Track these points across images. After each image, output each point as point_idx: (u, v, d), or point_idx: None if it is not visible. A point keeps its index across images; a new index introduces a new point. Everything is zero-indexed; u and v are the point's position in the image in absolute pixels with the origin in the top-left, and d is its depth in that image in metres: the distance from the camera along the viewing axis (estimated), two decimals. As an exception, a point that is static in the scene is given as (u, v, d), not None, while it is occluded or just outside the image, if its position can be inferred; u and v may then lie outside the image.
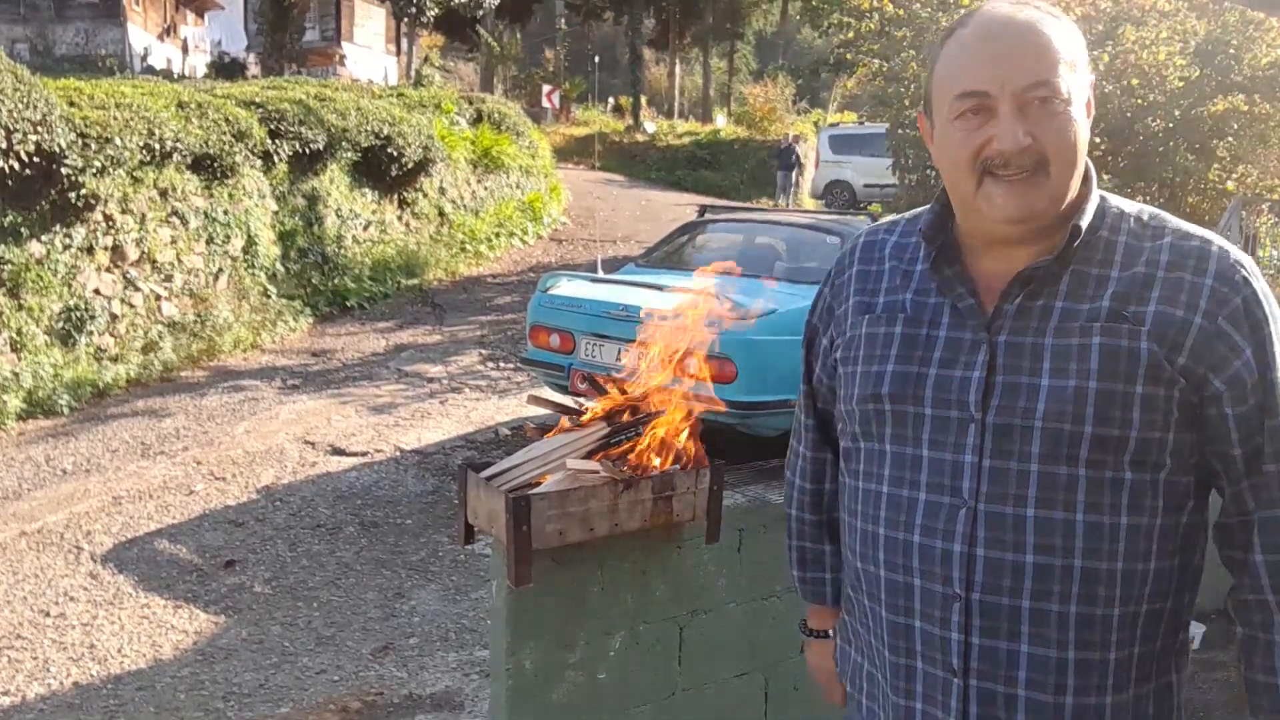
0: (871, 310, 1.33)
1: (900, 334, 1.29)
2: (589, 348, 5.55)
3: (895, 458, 1.28)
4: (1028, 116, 1.15)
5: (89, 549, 4.70)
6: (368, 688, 3.57)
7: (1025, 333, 1.20)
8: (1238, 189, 8.80)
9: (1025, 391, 1.18)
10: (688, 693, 2.28)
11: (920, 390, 1.25)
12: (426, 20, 26.62)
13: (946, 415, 1.23)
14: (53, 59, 23.65)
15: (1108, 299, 1.18)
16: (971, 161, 1.18)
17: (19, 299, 6.83)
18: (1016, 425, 1.18)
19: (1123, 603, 1.19)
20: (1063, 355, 1.18)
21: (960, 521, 1.21)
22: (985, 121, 1.17)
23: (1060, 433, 1.17)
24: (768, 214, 8.31)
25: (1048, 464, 1.18)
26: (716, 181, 22.41)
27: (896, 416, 1.27)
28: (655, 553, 2.18)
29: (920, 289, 1.30)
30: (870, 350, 1.31)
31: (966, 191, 1.21)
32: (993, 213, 1.19)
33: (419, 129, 11.71)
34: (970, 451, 1.21)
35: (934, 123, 1.26)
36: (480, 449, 6.18)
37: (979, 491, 1.20)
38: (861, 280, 1.37)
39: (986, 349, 1.21)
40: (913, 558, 1.25)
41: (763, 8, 37.64)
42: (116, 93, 8.07)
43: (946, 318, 1.26)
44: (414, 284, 11.25)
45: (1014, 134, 1.15)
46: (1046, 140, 1.16)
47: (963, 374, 1.22)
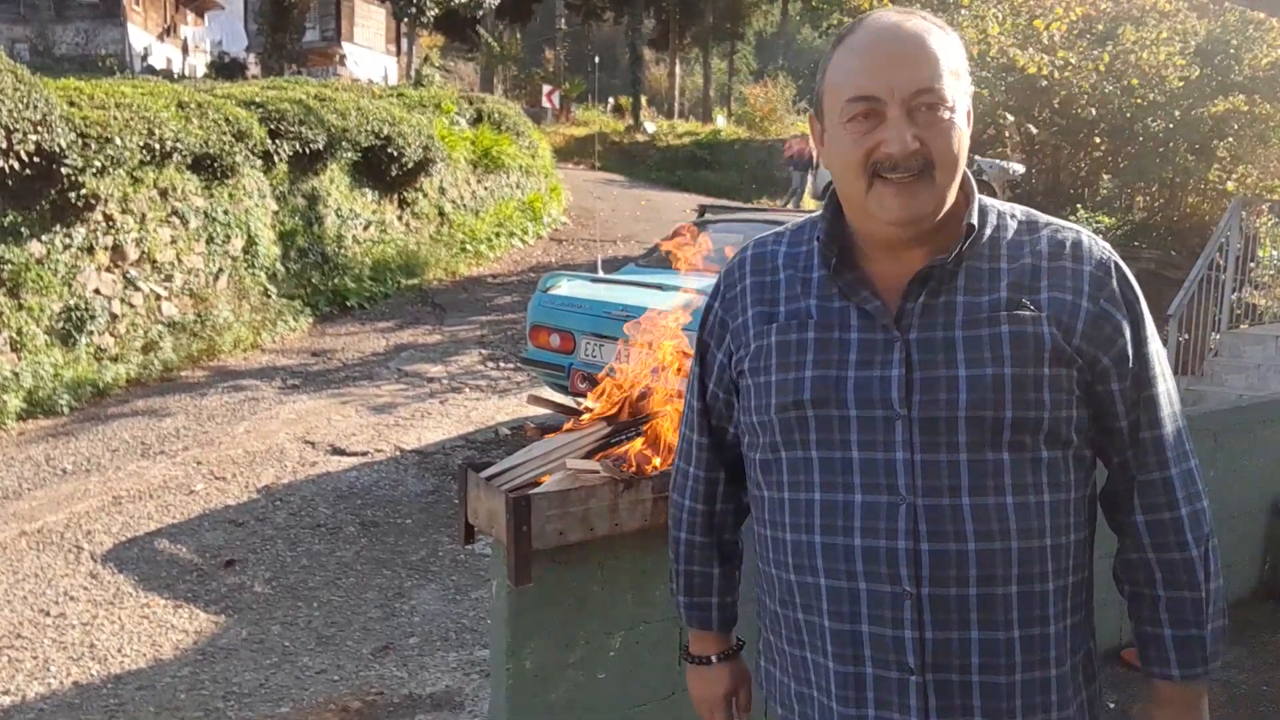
0: (775, 319, 1.33)
1: (813, 339, 1.29)
2: (589, 348, 5.55)
3: (824, 463, 1.27)
4: (916, 121, 1.19)
5: (89, 549, 4.70)
6: (368, 688, 3.57)
7: (934, 328, 1.23)
8: (1238, 189, 8.80)
9: (945, 384, 1.21)
10: (687, 693, 2.28)
11: (842, 393, 1.25)
12: (427, 20, 26.62)
13: (871, 415, 1.24)
14: (53, 59, 23.66)
15: (1004, 290, 1.23)
16: (862, 164, 1.21)
17: (19, 299, 6.83)
18: (941, 417, 1.21)
19: (1055, 577, 1.25)
20: (975, 345, 1.22)
21: (902, 518, 1.22)
22: (875, 125, 1.20)
23: (983, 420, 1.20)
24: (768, 214, 8.30)
25: (975, 452, 1.21)
26: (716, 182, 22.42)
27: (821, 421, 1.27)
28: (655, 553, 2.18)
29: (822, 295, 1.31)
30: (784, 358, 1.30)
31: (857, 193, 1.23)
32: (883, 214, 1.22)
33: (419, 129, 11.72)
34: (901, 448, 1.22)
35: (825, 125, 1.29)
36: (480, 449, 6.19)
37: (915, 486, 1.22)
38: (758, 291, 1.36)
39: (901, 346, 1.24)
40: (855, 561, 1.25)
41: (763, 8, 37.66)
42: (116, 93, 8.07)
43: (855, 320, 1.27)
44: (414, 284, 11.26)
45: (903, 137, 1.18)
46: (933, 144, 1.19)
47: (881, 373, 1.24)
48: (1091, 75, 9.06)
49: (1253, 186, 8.79)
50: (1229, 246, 7.56)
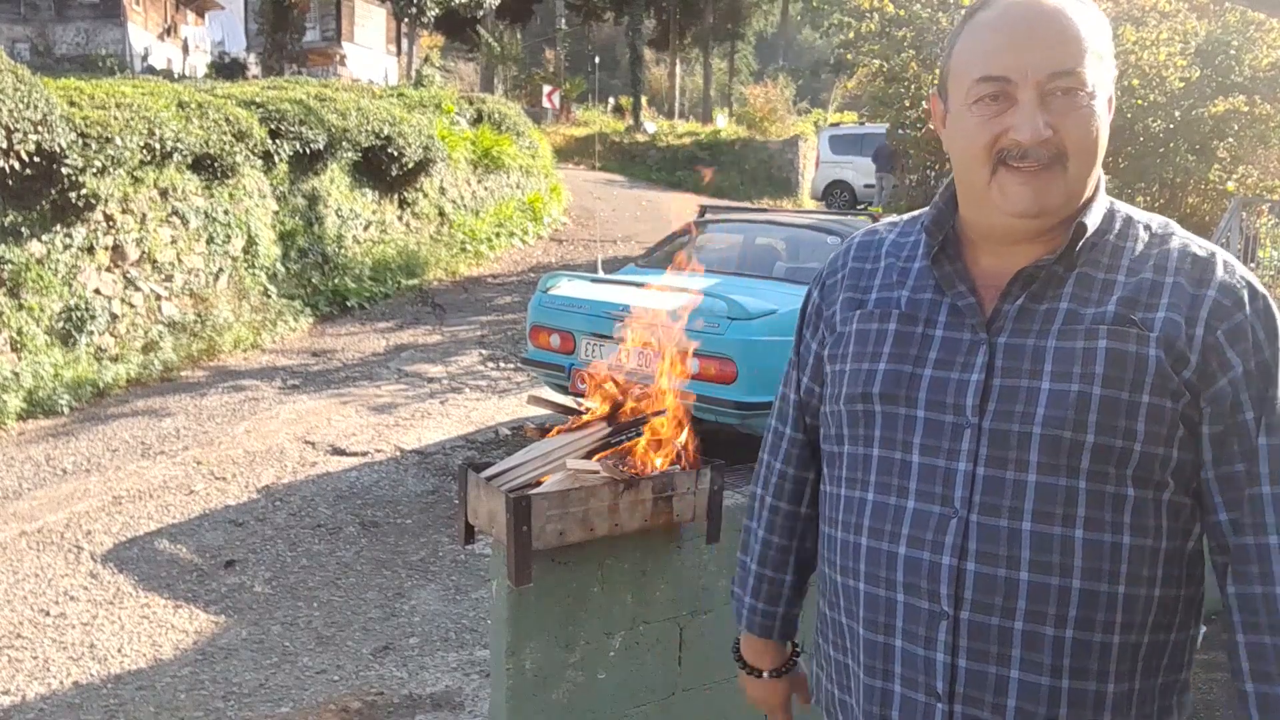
0: (863, 306, 1.26)
1: (894, 331, 1.22)
2: (589, 348, 5.55)
3: (883, 462, 1.20)
4: (1050, 107, 1.10)
5: (89, 549, 4.70)
6: (368, 688, 3.57)
7: (1027, 335, 1.14)
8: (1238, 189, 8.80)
9: (1024, 395, 1.12)
10: (688, 693, 2.28)
11: (913, 391, 1.18)
12: (427, 20, 26.63)
13: (940, 419, 1.16)
14: (53, 59, 23.67)
15: (1114, 303, 1.12)
16: (987, 150, 1.12)
17: (19, 299, 6.83)
18: (1014, 431, 1.11)
19: (1124, 630, 1.12)
20: (1066, 358, 1.11)
21: (951, 532, 1.13)
22: (1004, 109, 1.11)
23: (1060, 440, 1.10)
24: (768, 214, 8.31)
25: (1046, 474, 1.11)
26: (716, 182, 22.41)
27: (886, 418, 1.20)
28: (655, 553, 2.18)
29: (917, 286, 1.23)
30: (861, 348, 1.24)
31: (978, 181, 1.15)
32: (1005, 205, 1.13)
33: (419, 129, 11.72)
34: (964, 458, 1.14)
35: (948, 107, 1.20)
36: (480, 449, 6.19)
37: (972, 501, 1.13)
38: (854, 278, 1.30)
39: (985, 350, 1.15)
40: (897, 570, 1.17)
41: (763, 8, 37.67)
42: (117, 93, 8.07)
43: (944, 316, 1.19)
44: (414, 284, 11.26)
45: (1034, 124, 1.09)
46: (1067, 133, 1.10)
47: (959, 376, 1.15)
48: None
49: (1253, 187, 8.79)
50: (1229, 247, 7.56)
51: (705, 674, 2.30)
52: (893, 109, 12.00)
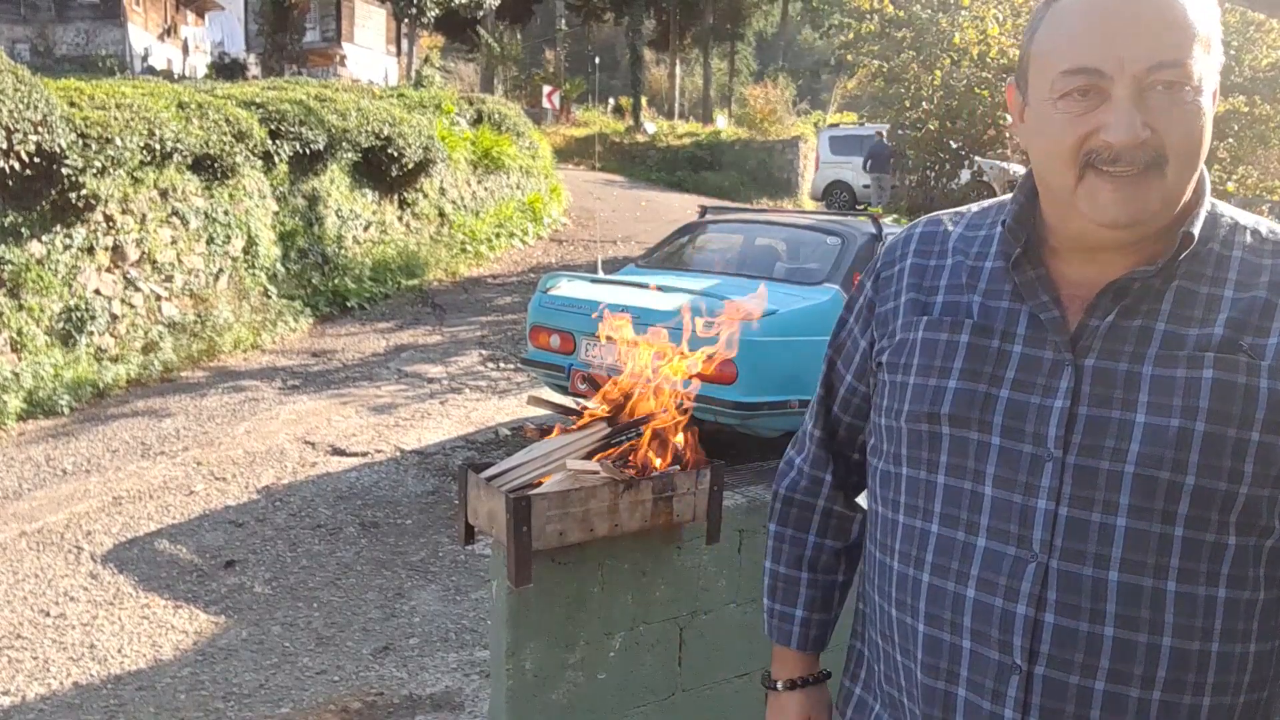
0: (928, 311, 1.13)
1: (966, 343, 1.08)
2: (589, 348, 5.55)
3: (950, 492, 1.08)
4: (1148, 104, 0.96)
5: (89, 549, 4.70)
6: (368, 688, 3.57)
7: (1119, 357, 1.01)
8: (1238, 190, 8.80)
9: (1116, 428, 0.99)
10: (688, 693, 2.28)
11: (988, 415, 1.05)
12: (427, 21, 26.63)
13: (1018, 449, 1.03)
14: (53, 59, 23.68)
15: (1221, 325, 0.99)
16: (1074, 152, 0.99)
17: (19, 299, 6.83)
18: (1103, 469, 0.99)
19: (1216, 692, 1.01)
20: (1165, 388, 0.98)
21: (1027, 579, 1.02)
22: (1095, 105, 0.97)
23: (1155, 481, 0.97)
24: (768, 214, 8.31)
25: (1138, 518, 0.98)
26: (716, 182, 22.42)
27: (956, 443, 1.07)
28: (655, 553, 2.18)
29: (991, 290, 1.09)
30: (928, 360, 1.10)
31: (1063, 186, 1.01)
32: (1094, 213, 0.99)
33: (419, 130, 11.72)
34: (1045, 496, 1.01)
35: (1027, 99, 1.06)
36: (480, 449, 6.19)
37: (1053, 545, 1.01)
38: (917, 275, 1.16)
39: (1072, 374, 1.02)
40: (964, 614, 1.05)
41: (763, 8, 37.67)
42: (117, 93, 8.07)
43: (1023, 329, 1.06)
44: (414, 284, 11.26)
45: (1131, 124, 0.95)
46: (1168, 134, 0.96)
47: (1041, 401, 1.03)
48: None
49: (1253, 187, 8.79)
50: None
51: (705, 674, 2.30)
52: (893, 109, 12.02)
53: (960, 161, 11.63)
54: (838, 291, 5.69)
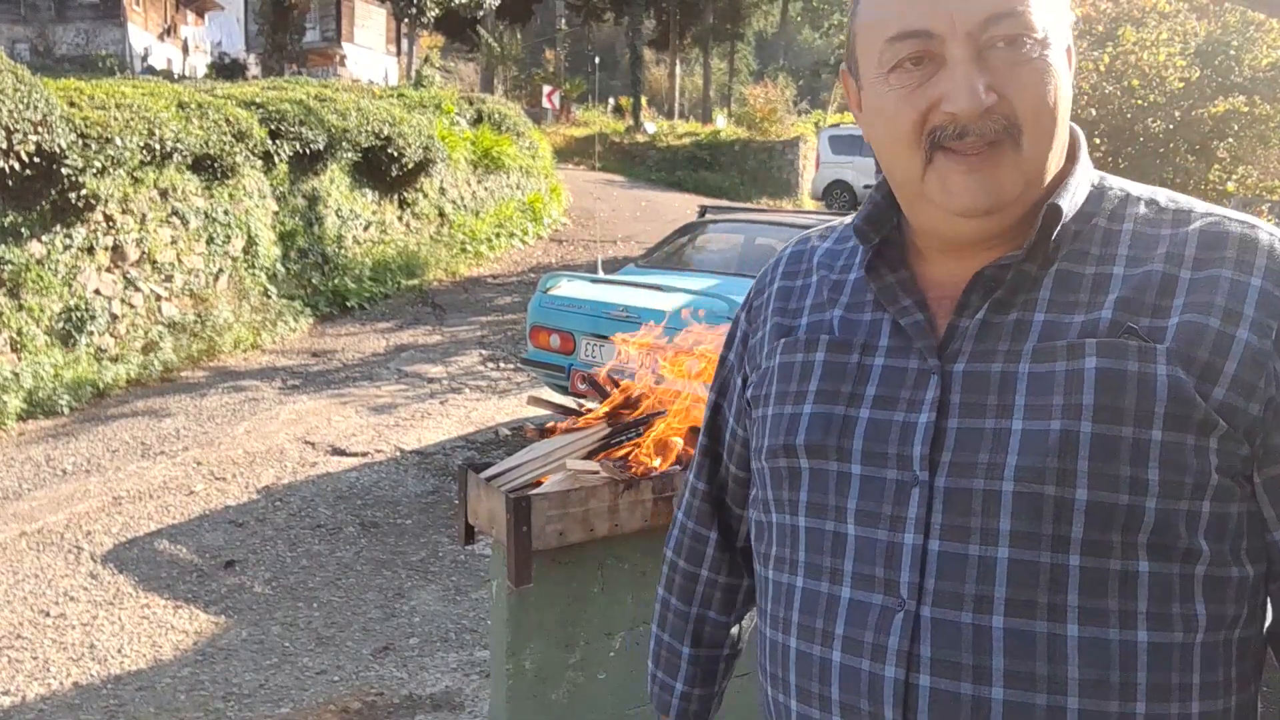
0: (791, 334, 0.99)
1: (822, 362, 0.94)
2: (589, 348, 5.56)
3: (811, 536, 0.91)
4: (990, 64, 0.83)
5: (89, 549, 4.70)
6: (368, 688, 3.57)
7: (992, 358, 0.85)
8: (1238, 190, 8.81)
9: (991, 440, 0.83)
10: None
11: (847, 440, 0.90)
12: (427, 21, 26.63)
13: (880, 475, 0.87)
14: (53, 59, 23.68)
15: (1110, 307, 0.83)
16: (914, 132, 0.85)
17: (19, 299, 6.83)
18: (978, 489, 0.82)
19: None
20: (1043, 386, 0.82)
21: (895, 632, 0.84)
22: (931, 74, 0.84)
23: (1040, 499, 0.80)
24: (768, 214, 8.31)
25: (1024, 548, 0.81)
26: (717, 182, 22.42)
27: (815, 477, 0.92)
28: (655, 553, 2.17)
29: (853, 303, 0.96)
30: (784, 385, 0.96)
31: (909, 174, 0.88)
32: (947, 200, 0.85)
33: (419, 129, 11.72)
34: (912, 528, 0.85)
35: (860, 82, 0.91)
36: (480, 449, 6.19)
37: (923, 588, 0.83)
38: (783, 298, 1.03)
39: (938, 382, 0.86)
40: (831, 684, 0.88)
41: (763, 8, 37.67)
42: (117, 93, 8.07)
43: (885, 340, 0.92)
44: (414, 284, 11.26)
45: (972, 88, 0.82)
46: (1017, 98, 0.83)
47: (905, 417, 0.87)
48: (1091, 76, 9.09)
49: (1253, 187, 8.79)
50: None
51: (705, 674, 2.30)
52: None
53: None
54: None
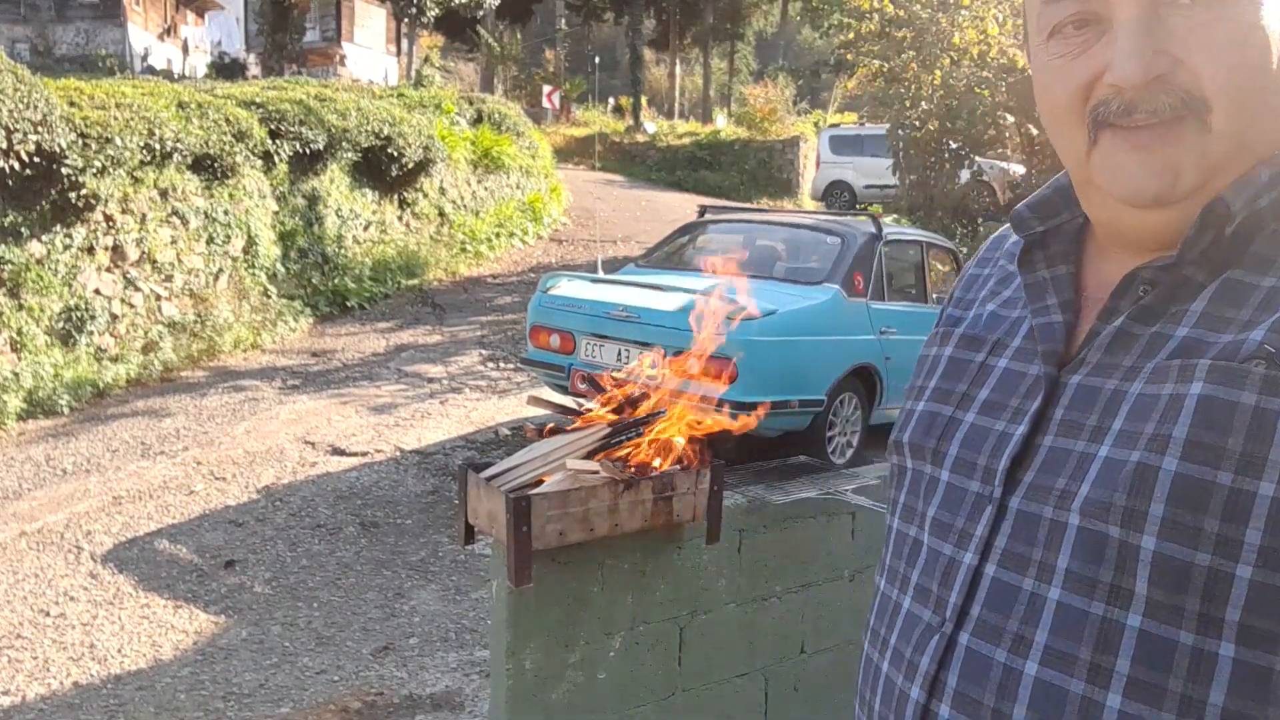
0: (956, 326, 0.92)
1: (947, 358, 0.89)
2: (589, 348, 5.55)
3: (898, 540, 0.89)
4: (1168, 27, 0.69)
5: (89, 549, 4.70)
6: (368, 688, 3.57)
7: (1110, 372, 0.74)
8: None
9: (1073, 464, 0.73)
10: (688, 693, 2.28)
11: (944, 444, 0.84)
12: (427, 21, 26.63)
13: (965, 486, 0.81)
14: (53, 59, 23.67)
15: (1266, 327, 0.68)
16: (1076, 107, 0.74)
17: (19, 299, 6.83)
18: (1046, 518, 0.73)
19: None
20: (1143, 411, 0.70)
21: (928, 653, 0.78)
22: (1095, 39, 0.72)
23: (1103, 541, 0.69)
24: (768, 214, 8.32)
25: (1076, 592, 0.70)
26: (717, 182, 22.43)
27: (913, 478, 0.88)
28: (655, 553, 2.18)
29: (1011, 298, 0.88)
30: (915, 380, 0.93)
31: (1074, 155, 0.77)
32: (1112, 185, 0.74)
33: (419, 129, 11.72)
34: (974, 547, 0.78)
35: (1030, 51, 0.81)
36: (480, 449, 6.19)
37: (965, 613, 0.77)
38: (966, 287, 0.96)
39: (1044, 392, 0.78)
40: (876, 694, 0.85)
41: (763, 8, 37.68)
42: (117, 93, 8.07)
43: (1019, 340, 0.83)
44: (414, 284, 11.26)
45: (1139, 55, 0.69)
46: (1204, 65, 0.69)
47: (1005, 427, 0.79)
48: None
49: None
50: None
51: (705, 674, 2.30)
52: (893, 109, 12.02)
53: (960, 161, 11.63)
54: (837, 291, 5.69)
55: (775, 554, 2.36)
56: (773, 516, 2.34)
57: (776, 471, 3.41)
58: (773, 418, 5.23)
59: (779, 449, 5.35)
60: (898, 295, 6.21)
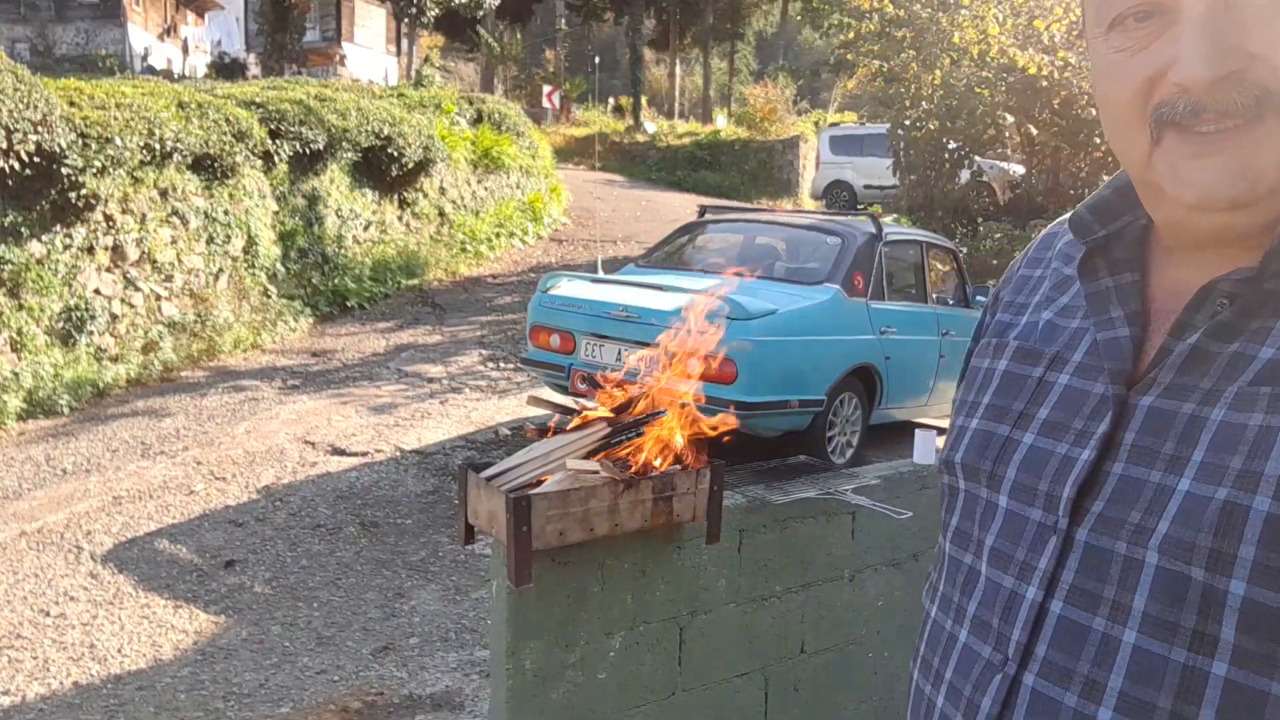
0: (1005, 334, 0.87)
1: (1002, 372, 0.84)
2: (589, 348, 5.55)
3: (951, 566, 0.84)
4: (1239, 19, 0.65)
5: (89, 549, 4.70)
6: (368, 688, 3.57)
7: (1187, 395, 0.70)
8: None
9: (1151, 496, 0.69)
10: (688, 693, 2.28)
11: (1001, 467, 0.79)
12: (427, 21, 26.64)
13: (1025, 514, 0.76)
14: (53, 59, 23.68)
15: None
16: (1137, 106, 0.70)
17: (19, 299, 6.83)
18: (1119, 553, 0.69)
19: None
20: (1228, 441, 0.66)
21: (990, 693, 0.75)
22: (1160, 32, 0.68)
23: (1185, 583, 0.66)
24: (768, 214, 8.32)
25: (1155, 636, 0.67)
26: (716, 182, 22.43)
27: (967, 501, 0.83)
28: (655, 553, 2.18)
29: (1069, 306, 0.82)
30: (965, 394, 0.88)
31: (1136, 157, 0.73)
32: (1178, 190, 0.70)
33: (419, 129, 11.72)
34: (1038, 582, 0.73)
35: (1090, 46, 0.78)
36: (480, 449, 6.18)
37: (1031, 653, 0.73)
38: (1016, 290, 0.90)
39: (1114, 415, 0.73)
40: None
41: (763, 8, 37.68)
42: (117, 93, 8.07)
43: (1080, 355, 0.78)
44: (414, 284, 11.26)
45: (1208, 53, 0.65)
46: (1276, 59, 0.65)
47: (1068, 450, 0.74)
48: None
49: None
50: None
51: (705, 674, 2.30)
52: (893, 109, 12.03)
53: (960, 161, 11.63)
54: (837, 291, 5.69)
55: (775, 554, 2.36)
56: (773, 516, 2.34)
57: (776, 471, 3.41)
58: (773, 417, 5.23)
59: (779, 449, 5.35)
60: (898, 295, 6.22)
